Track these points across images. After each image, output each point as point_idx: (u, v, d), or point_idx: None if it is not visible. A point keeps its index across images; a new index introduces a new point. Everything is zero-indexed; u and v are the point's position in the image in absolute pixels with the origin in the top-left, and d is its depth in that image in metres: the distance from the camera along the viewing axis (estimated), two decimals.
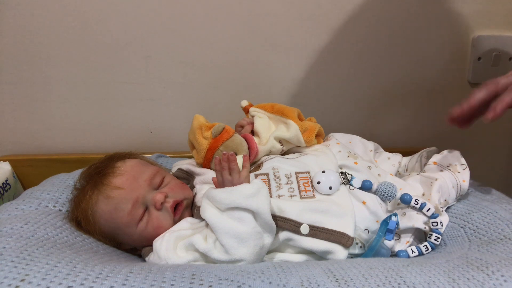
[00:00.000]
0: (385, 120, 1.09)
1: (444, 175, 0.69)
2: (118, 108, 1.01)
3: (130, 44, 0.95)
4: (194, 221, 0.65)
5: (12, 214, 0.61)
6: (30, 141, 1.02)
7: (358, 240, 0.63)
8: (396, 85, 1.05)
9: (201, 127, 0.72)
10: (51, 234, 0.58)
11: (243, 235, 0.55)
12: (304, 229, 0.61)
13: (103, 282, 0.45)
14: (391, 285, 0.47)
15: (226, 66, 0.99)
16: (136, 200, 0.64)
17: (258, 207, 0.56)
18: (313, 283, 0.47)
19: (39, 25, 0.92)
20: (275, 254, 0.62)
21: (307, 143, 0.76)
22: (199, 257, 0.57)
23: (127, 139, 1.03)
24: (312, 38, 0.99)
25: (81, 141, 1.03)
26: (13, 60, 0.94)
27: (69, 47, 0.94)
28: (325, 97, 1.05)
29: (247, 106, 0.83)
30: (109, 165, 0.67)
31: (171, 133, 1.04)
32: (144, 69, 0.98)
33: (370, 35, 1.00)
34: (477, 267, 0.51)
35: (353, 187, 0.67)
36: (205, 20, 0.95)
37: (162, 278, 0.46)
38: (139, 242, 0.65)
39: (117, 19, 0.93)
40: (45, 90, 0.98)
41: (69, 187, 0.73)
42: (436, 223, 0.64)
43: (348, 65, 1.02)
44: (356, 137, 0.84)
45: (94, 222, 0.64)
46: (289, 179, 0.67)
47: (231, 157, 0.60)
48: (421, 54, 1.03)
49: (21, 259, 0.48)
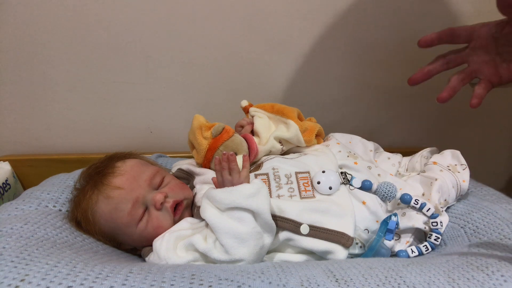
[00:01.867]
0: (385, 120, 1.09)
1: (444, 175, 0.69)
2: (118, 108, 1.01)
3: (130, 44, 0.95)
4: (194, 221, 0.65)
5: (12, 214, 0.61)
6: (30, 141, 1.02)
7: (358, 240, 0.63)
8: (396, 85, 1.05)
9: (201, 127, 0.72)
10: (51, 234, 0.58)
11: (243, 235, 0.55)
12: (304, 229, 0.61)
13: (103, 282, 0.45)
14: (391, 285, 0.47)
15: (226, 66, 0.99)
16: (136, 200, 0.64)
17: (258, 207, 0.56)
18: (313, 283, 0.47)
19: (39, 25, 0.92)
20: (275, 254, 0.62)
21: (307, 143, 0.76)
22: (199, 257, 0.57)
23: (127, 139, 1.03)
24: (312, 38, 0.98)
25: (81, 141, 1.03)
26: (13, 60, 0.94)
27: (69, 47, 0.94)
28: (325, 97, 1.05)
29: (247, 106, 0.83)
30: (109, 165, 0.67)
31: (171, 133, 1.04)
32: (144, 69, 0.98)
33: (370, 35, 0.99)
34: (477, 267, 0.51)
35: (353, 187, 0.67)
36: (205, 20, 0.95)
37: (162, 278, 0.46)
38: (139, 242, 0.65)
39: (117, 19, 0.93)
40: (45, 90, 0.98)
41: (69, 187, 0.73)
42: (436, 223, 0.64)
43: (348, 65, 1.02)
44: (356, 137, 0.84)
45: (94, 222, 0.64)
46: (289, 179, 0.67)
47: (231, 157, 0.60)
48: (421, 54, 1.03)
49: (21, 259, 0.48)
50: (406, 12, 0.98)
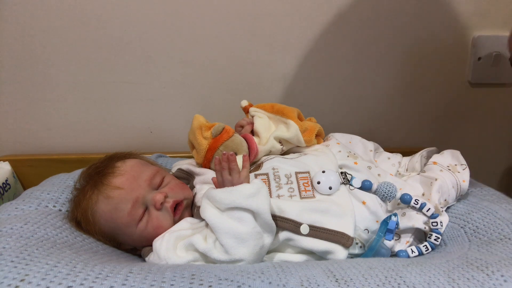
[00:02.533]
0: (385, 120, 1.09)
1: (444, 175, 0.69)
2: (118, 108, 1.01)
3: (130, 44, 0.95)
4: (194, 221, 0.65)
5: (12, 214, 0.61)
6: (30, 141, 1.02)
7: (358, 240, 0.63)
8: (396, 85, 1.05)
9: (201, 127, 0.72)
10: (51, 234, 0.58)
11: (243, 235, 0.55)
12: (304, 229, 0.61)
13: (103, 282, 0.45)
14: (391, 285, 0.47)
15: (226, 66, 0.99)
16: (136, 200, 0.63)
17: (258, 207, 0.56)
18: (313, 283, 0.47)
19: (39, 25, 0.92)
20: (275, 254, 0.62)
21: (307, 143, 0.76)
22: (199, 257, 0.57)
23: (127, 139, 1.03)
24: (312, 38, 0.99)
25: (81, 141, 1.03)
26: (13, 60, 0.94)
27: (69, 47, 0.94)
28: (325, 97, 1.05)
29: (247, 106, 0.83)
30: (109, 165, 0.67)
31: (171, 133, 1.04)
32: (144, 69, 0.98)
33: (370, 35, 1.00)
34: (477, 267, 0.51)
35: (353, 187, 0.67)
36: (205, 20, 0.95)
37: (162, 278, 0.46)
38: (139, 242, 0.65)
39: (117, 19, 0.93)
40: (45, 90, 0.98)
41: (69, 187, 0.73)
42: (436, 223, 0.64)
43: (348, 65, 1.02)
44: (356, 137, 0.84)
45: (94, 222, 0.64)
46: (289, 179, 0.67)
47: (231, 157, 0.60)
48: (421, 54, 1.03)
49: (21, 259, 0.48)
50: (406, 12, 0.98)
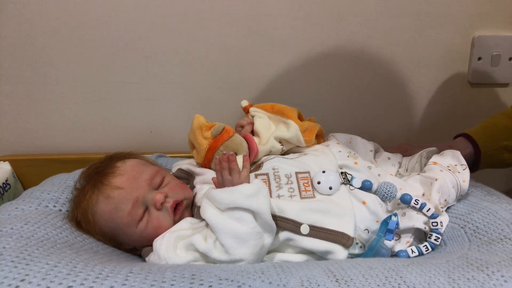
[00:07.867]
0: (385, 120, 1.09)
1: (444, 175, 0.69)
2: (118, 108, 1.01)
3: (130, 44, 0.95)
4: (194, 221, 0.65)
5: (12, 214, 0.61)
6: (30, 141, 1.02)
7: (358, 240, 0.63)
8: (396, 85, 1.05)
9: (201, 127, 0.72)
10: (51, 234, 0.58)
11: (243, 235, 0.55)
12: (304, 229, 0.61)
13: (103, 282, 0.45)
14: (391, 285, 0.47)
15: (226, 66, 0.99)
16: (136, 200, 0.63)
17: (258, 207, 0.56)
18: (313, 283, 0.47)
19: (39, 26, 0.92)
20: (275, 254, 0.62)
21: (307, 143, 0.76)
22: (199, 257, 0.57)
23: (127, 139, 1.03)
24: (312, 38, 0.98)
25: (81, 141, 1.03)
26: (13, 60, 0.94)
27: (69, 47, 0.94)
28: (325, 97, 1.05)
29: (247, 106, 0.83)
30: (109, 165, 0.67)
31: (171, 133, 1.04)
32: (144, 69, 0.98)
33: (369, 34, 1.00)
34: (477, 267, 0.51)
35: (353, 187, 0.67)
36: (205, 20, 0.95)
37: (162, 278, 0.46)
38: (139, 242, 0.65)
39: (117, 19, 0.93)
40: (45, 90, 0.98)
41: (69, 187, 0.73)
42: (436, 223, 0.64)
43: (348, 65, 1.02)
44: (356, 137, 0.84)
45: (94, 222, 0.64)
46: (289, 179, 0.67)
47: (231, 157, 0.60)
48: (421, 54, 1.03)
49: (21, 259, 0.48)
50: (405, 13, 0.98)
